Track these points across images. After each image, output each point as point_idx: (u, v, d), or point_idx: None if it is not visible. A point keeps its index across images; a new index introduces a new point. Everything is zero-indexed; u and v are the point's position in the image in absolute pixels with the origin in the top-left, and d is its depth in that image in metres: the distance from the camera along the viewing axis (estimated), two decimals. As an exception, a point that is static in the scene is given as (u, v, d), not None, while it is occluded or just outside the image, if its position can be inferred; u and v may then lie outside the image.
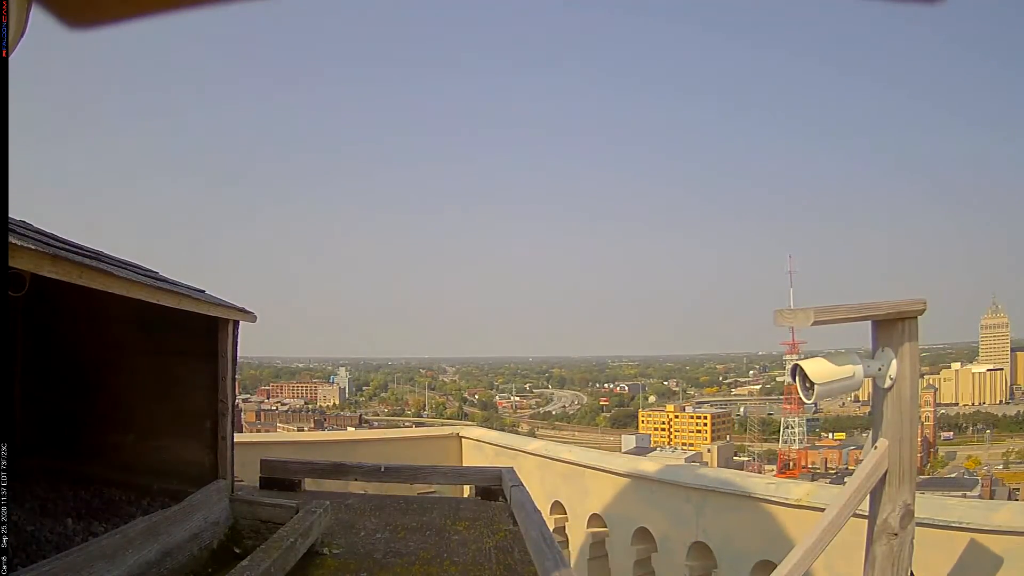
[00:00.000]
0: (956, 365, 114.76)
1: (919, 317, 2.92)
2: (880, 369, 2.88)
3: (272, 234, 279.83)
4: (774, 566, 3.68)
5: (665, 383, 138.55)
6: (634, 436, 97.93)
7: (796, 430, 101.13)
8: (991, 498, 35.99)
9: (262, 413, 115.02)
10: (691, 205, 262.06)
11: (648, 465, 6.60)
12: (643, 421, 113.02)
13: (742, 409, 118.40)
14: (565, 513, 7.31)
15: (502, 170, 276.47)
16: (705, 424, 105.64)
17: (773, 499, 5.16)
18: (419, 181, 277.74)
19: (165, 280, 4.31)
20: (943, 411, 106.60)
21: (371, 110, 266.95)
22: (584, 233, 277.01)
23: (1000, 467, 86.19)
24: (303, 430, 68.96)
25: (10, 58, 2.05)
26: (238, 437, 5.42)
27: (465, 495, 7.06)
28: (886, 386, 2.89)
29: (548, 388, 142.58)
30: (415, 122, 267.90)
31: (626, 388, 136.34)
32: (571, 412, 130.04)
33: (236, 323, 4.99)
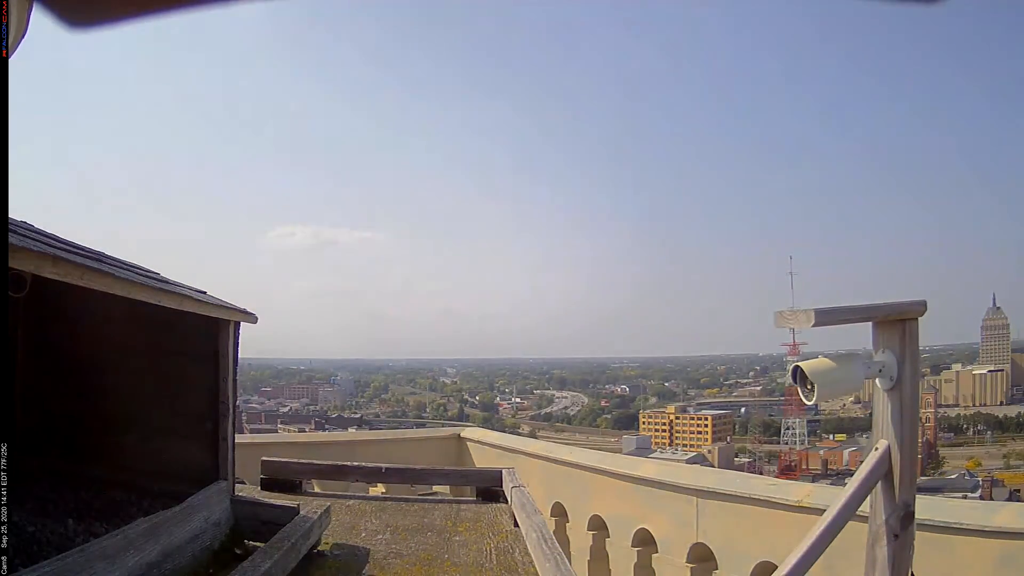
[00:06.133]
0: (957, 366, 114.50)
1: (920, 318, 2.91)
2: (881, 371, 2.86)
3: (273, 235, 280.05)
4: (775, 567, 3.68)
5: (666, 384, 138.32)
6: (635, 437, 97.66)
7: (797, 431, 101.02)
8: (991, 499, 35.97)
9: (263, 414, 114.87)
10: (691, 204, 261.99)
11: (649, 466, 6.59)
12: (644, 422, 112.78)
13: (743, 410, 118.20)
14: (566, 514, 7.30)
15: (501, 169, 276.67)
16: (706, 425, 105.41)
17: (773, 501, 5.15)
18: (419, 180, 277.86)
19: (166, 281, 4.31)
20: (944, 412, 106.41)
21: (367, 105, 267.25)
22: (584, 233, 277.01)
23: (1001, 468, 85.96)
24: (304, 431, 68.97)
25: (10, 58, 2.05)
26: (239, 438, 5.42)
27: (466, 496, 7.05)
28: (887, 388, 2.88)
29: (549, 389, 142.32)
30: (414, 124, 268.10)
31: (627, 389, 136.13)
32: (572, 413, 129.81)
33: (237, 324, 4.99)
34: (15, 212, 3.06)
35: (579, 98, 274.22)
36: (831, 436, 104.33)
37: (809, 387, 2.79)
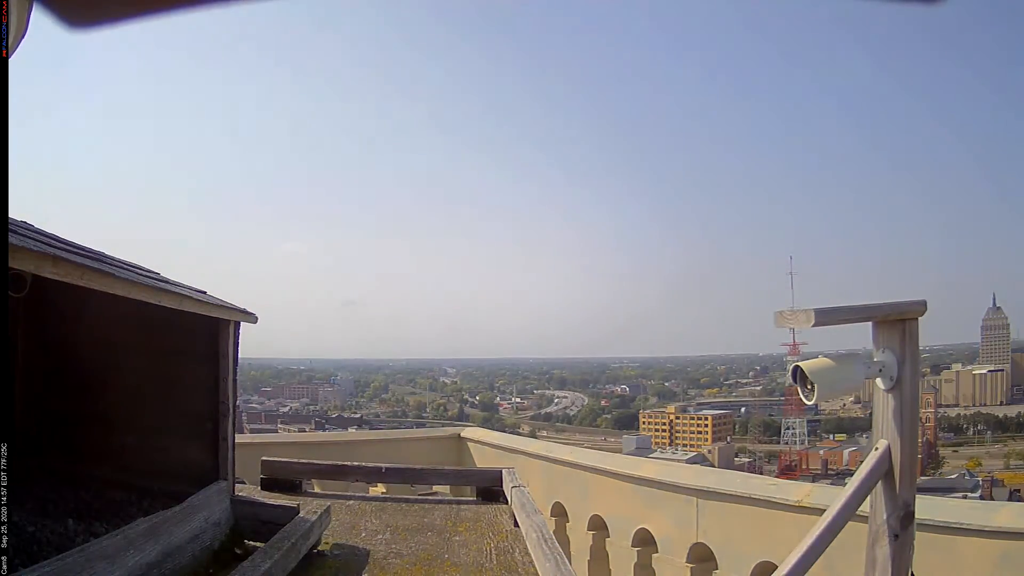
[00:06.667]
0: (957, 366, 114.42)
1: (920, 318, 2.91)
2: (881, 370, 2.86)
3: (274, 235, 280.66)
4: (774, 567, 3.68)
5: (666, 384, 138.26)
6: (635, 437, 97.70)
7: (797, 431, 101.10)
8: (992, 499, 35.96)
9: (263, 414, 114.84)
10: (691, 205, 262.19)
11: (649, 466, 6.59)
12: (644, 422, 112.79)
13: (743, 410, 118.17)
14: (566, 514, 7.29)
15: (502, 171, 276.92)
16: (706, 425, 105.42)
17: (773, 501, 5.15)
18: (420, 182, 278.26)
19: (167, 281, 4.32)
20: (944, 412, 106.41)
21: (370, 105, 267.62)
22: (583, 234, 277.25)
23: (1001, 468, 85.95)
24: (304, 431, 68.98)
25: (10, 58, 2.05)
26: (239, 438, 5.42)
27: (466, 496, 7.05)
28: (887, 387, 2.88)
29: (549, 389, 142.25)
30: (416, 121, 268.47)
31: (627, 389, 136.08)
32: (572, 413, 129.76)
33: (237, 324, 4.99)
34: (15, 212, 3.06)
35: (580, 99, 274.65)
36: (831, 436, 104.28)
37: (809, 387, 2.79)
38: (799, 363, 2.81)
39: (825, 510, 2.83)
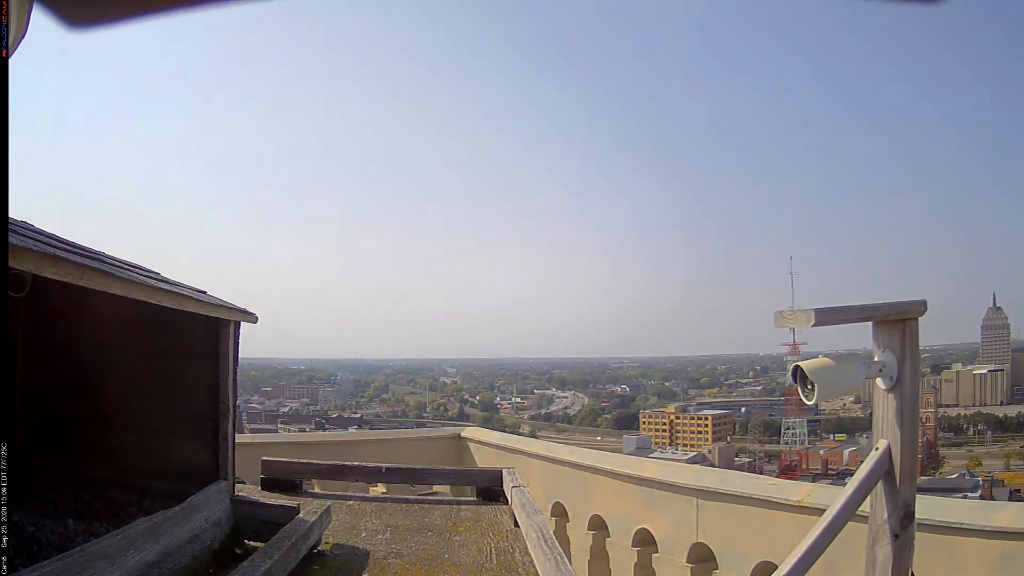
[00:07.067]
0: (957, 366, 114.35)
1: (920, 318, 2.91)
2: (881, 370, 2.86)
3: (273, 235, 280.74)
4: (775, 567, 3.67)
5: (666, 384, 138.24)
6: (635, 437, 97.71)
7: (797, 431, 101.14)
8: (992, 499, 35.94)
9: (263, 414, 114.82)
10: (691, 204, 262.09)
11: (649, 466, 6.59)
12: (644, 422, 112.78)
13: (743, 410, 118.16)
14: (566, 514, 7.30)
15: (504, 170, 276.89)
16: (706, 425, 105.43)
17: (773, 501, 5.15)
18: (419, 182, 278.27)
19: (166, 281, 4.32)
20: (944, 412, 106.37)
21: (375, 107, 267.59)
22: (584, 234, 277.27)
23: (1001, 468, 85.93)
24: (304, 431, 68.97)
25: (10, 58, 2.05)
26: (239, 438, 5.42)
27: (466, 496, 7.05)
28: (887, 387, 2.88)
29: (549, 389, 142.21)
30: (419, 124, 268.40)
31: (627, 389, 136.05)
32: (572, 413, 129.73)
33: (237, 324, 4.99)
34: (15, 212, 3.06)
35: (589, 100, 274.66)
36: (831, 436, 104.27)
37: (809, 387, 2.79)
38: (799, 363, 2.81)
39: (825, 510, 2.83)
